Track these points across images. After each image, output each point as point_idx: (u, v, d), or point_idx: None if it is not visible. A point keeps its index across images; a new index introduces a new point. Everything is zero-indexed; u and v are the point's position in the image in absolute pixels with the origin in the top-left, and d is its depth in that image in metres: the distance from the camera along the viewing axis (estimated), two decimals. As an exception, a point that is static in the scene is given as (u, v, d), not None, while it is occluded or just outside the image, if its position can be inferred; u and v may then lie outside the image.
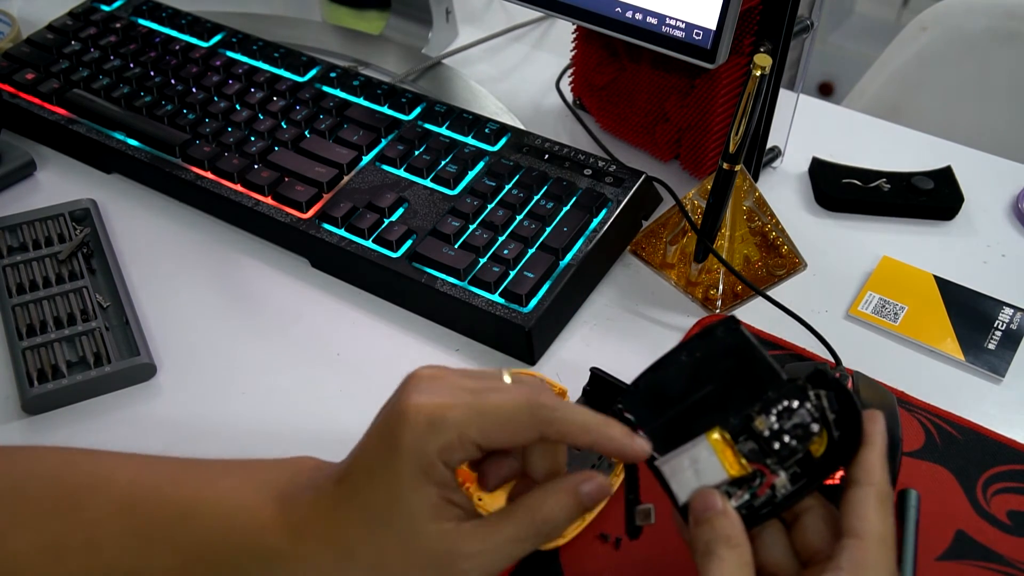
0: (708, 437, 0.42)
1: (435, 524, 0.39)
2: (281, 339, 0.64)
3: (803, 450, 0.41)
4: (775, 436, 0.41)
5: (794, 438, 0.41)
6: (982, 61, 1.10)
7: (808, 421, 0.41)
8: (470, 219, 0.66)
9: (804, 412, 0.41)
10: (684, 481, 0.42)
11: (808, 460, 0.41)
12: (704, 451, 0.42)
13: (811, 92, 1.63)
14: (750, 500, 0.41)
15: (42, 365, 0.60)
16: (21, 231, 0.69)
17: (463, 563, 0.40)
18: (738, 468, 0.42)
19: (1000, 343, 0.64)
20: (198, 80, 0.77)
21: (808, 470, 0.41)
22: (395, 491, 0.40)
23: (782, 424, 0.41)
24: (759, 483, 0.41)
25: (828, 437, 0.41)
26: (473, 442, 0.40)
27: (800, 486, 0.41)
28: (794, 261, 0.69)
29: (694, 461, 0.42)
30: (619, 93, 0.77)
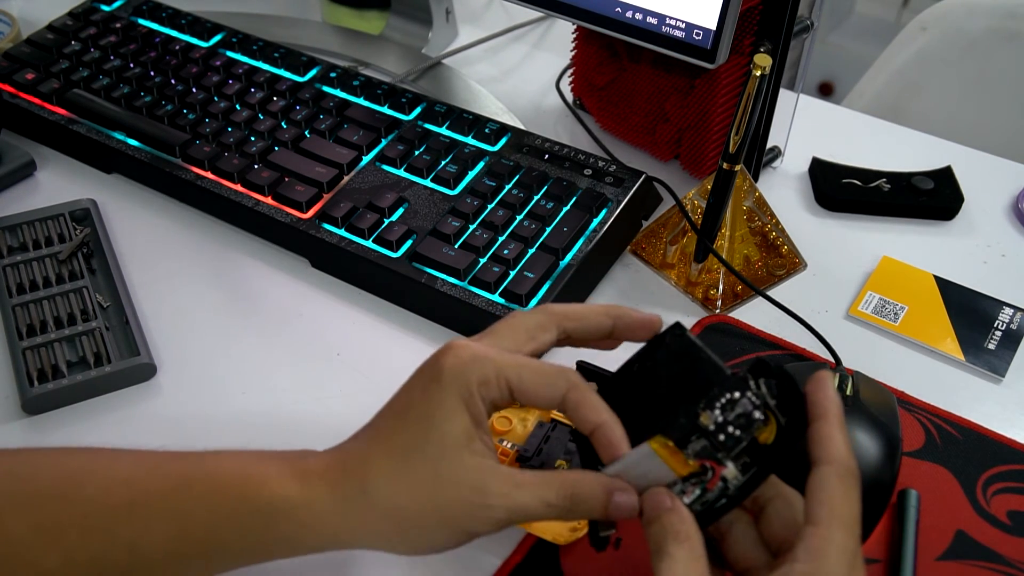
0: (650, 444, 0.42)
1: (469, 455, 0.40)
2: (281, 339, 0.64)
3: (747, 438, 0.41)
4: (720, 429, 0.42)
5: (738, 427, 0.42)
6: (982, 61, 1.10)
7: (750, 409, 0.42)
8: (470, 219, 0.66)
9: (745, 401, 0.42)
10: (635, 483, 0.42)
11: (758, 448, 0.42)
12: (648, 455, 0.42)
13: (811, 92, 1.63)
14: (702, 495, 0.41)
15: (42, 365, 0.60)
16: (21, 231, 0.69)
17: (491, 500, 0.40)
18: (685, 467, 0.42)
19: (1000, 343, 0.64)
20: (198, 80, 0.77)
21: (759, 458, 0.41)
22: (432, 417, 0.41)
23: (726, 416, 0.42)
24: (709, 477, 0.42)
25: (776, 423, 0.41)
26: (508, 384, 0.42)
27: (752, 475, 0.41)
28: (794, 261, 0.69)
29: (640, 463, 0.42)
30: (619, 93, 0.77)
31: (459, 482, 0.40)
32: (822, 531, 0.39)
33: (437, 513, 0.41)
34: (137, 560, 0.42)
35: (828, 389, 0.42)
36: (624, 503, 0.41)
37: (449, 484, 0.40)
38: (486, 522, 0.41)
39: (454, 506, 0.40)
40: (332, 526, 0.42)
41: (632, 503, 0.41)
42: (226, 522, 0.42)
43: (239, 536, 0.42)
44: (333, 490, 0.42)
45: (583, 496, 0.41)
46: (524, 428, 0.57)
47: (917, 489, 0.54)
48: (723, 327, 0.65)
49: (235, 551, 0.43)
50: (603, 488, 0.41)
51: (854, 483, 0.40)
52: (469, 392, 0.41)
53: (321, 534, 0.42)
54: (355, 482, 0.42)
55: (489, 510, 0.40)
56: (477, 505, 0.40)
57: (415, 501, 0.41)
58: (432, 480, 0.41)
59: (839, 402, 0.42)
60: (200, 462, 0.43)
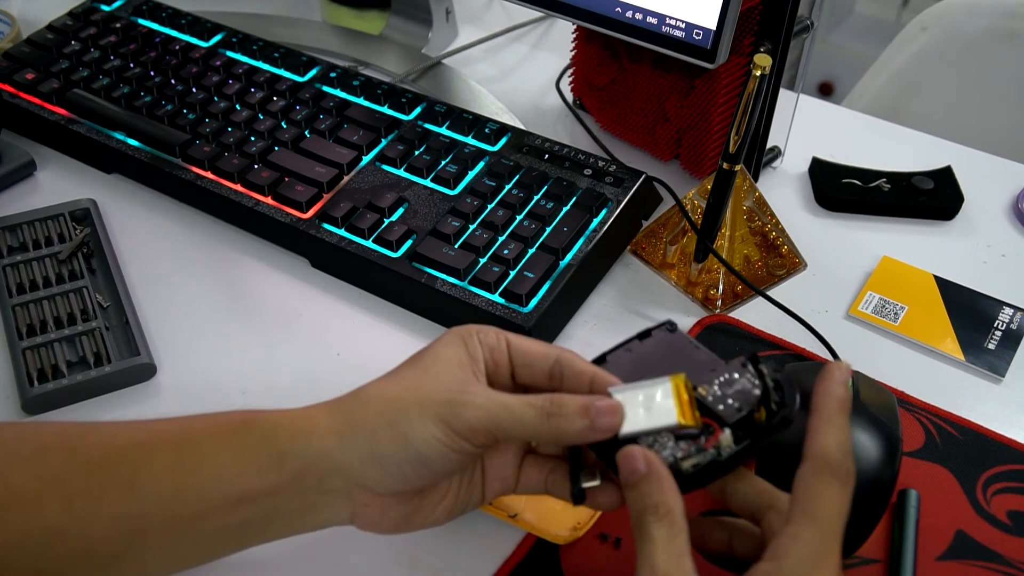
0: (672, 378, 0.43)
1: (457, 367, 0.43)
2: (281, 339, 0.64)
3: (747, 410, 0.42)
4: (719, 400, 0.43)
5: (735, 400, 0.43)
6: (982, 61, 1.10)
7: (749, 388, 0.43)
8: (470, 219, 0.66)
9: (745, 381, 0.43)
10: (632, 417, 0.42)
11: (751, 424, 0.42)
12: (664, 390, 0.42)
13: (811, 92, 1.63)
14: (697, 455, 0.42)
15: (42, 365, 0.60)
16: (21, 231, 0.69)
17: (473, 392, 0.42)
18: (690, 417, 0.42)
19: (1000, 343, 0.64)
20: (198, 80, 0.77)
21: (752, 433, 0.42)
22: (430, 347, 0.44)
23: (724, 391, 0.43)
24: (706, 438, 0.42)
25: (769, 405, 0.42)
26: (507, 341, 0.45)
27: (744, 446, 0.42)
28: (794, 261, 0.69)
29: (649, 399, 0.42)
30: (619, 93, 0.77)
31: (444, 379, 0.43)
32: (790, 529, 0.39)
33: (421, 402, 0.42)
34: (135, 497, 0.42)
35: (829, 383, 0.43)
36: (605, 407, 0.42)
37: (435, 380, 0.43)
38: (469, 415, 0.41)
39: (436, 395, 0.42)
40: (325, 430, 0.42)
41: (614, 409, 0.42)
42: (225, 447, 0.42)
43: (237, 458, 0.42)
44: (331, 405, 0.43)
45: (566, 400, 0.42)
46: None
47: (917, 489, 0.54)
48: (723, 327, 0.65)
49: (232, 475, 0.42)
50: (582, 399, 0.42)
51: (832, 479, 0.40)
52: (469, 333, 0.45)
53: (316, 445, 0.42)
54: (353, 395, 0.44)
55: (471, 399, 0.42)
56: (458, 394, 0.42)
57: (402, 390, 0.43)
58: (419, 377, 0.43)
59: (840, 396, 0.42)
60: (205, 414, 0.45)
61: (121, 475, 0.42)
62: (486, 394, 0.42)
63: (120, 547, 0.42)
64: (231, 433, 0.43)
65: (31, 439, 0.44)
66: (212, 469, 0.42)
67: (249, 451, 0.42)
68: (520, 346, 0.45)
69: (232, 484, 0.42)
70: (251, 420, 0.43)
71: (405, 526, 0.45)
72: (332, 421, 0.43)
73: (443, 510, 0.45)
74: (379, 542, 0.52)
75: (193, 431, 0.43)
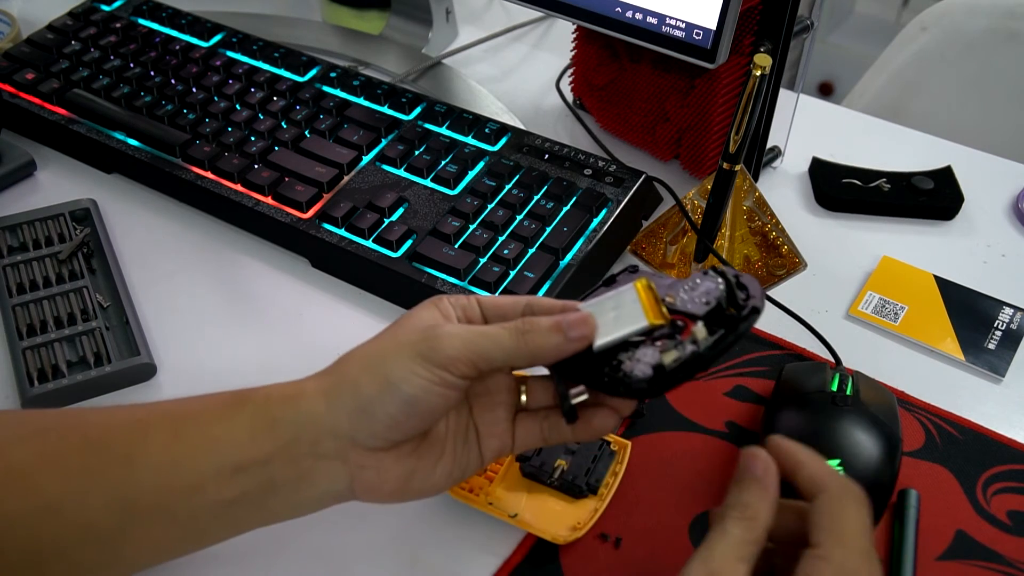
0: (636, 284, 0.44)
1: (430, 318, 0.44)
2: (281, 339, 0.64)
3: (714, 303, 0.43)
4: (687, 302, 0.44)
5: (704, 297, 0.44)
6: (982, 61, 1.10)
7: (714, 287, 0.44)
8: (470, 219, 0.66)
9: (708, 283, 0.44)
10: (603, 327, 0.43)
11: (723, 315, 0.43)
12: (628, 294, 0.44)
13: (811, 92, 1.63)
14: (675, 348, 0.42)
15: (42, 365, 0.60)
16: (21, 231, 0.69)
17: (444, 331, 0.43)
18: (658, 316, 0.43)
19: (1000, 343, 0.64)
20: (198, 80, 0.77)
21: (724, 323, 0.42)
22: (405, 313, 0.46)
23: (691, 295, 0.44)
24: (679, 332, 0.43)
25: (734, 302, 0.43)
26: (477, 301, 0.46)
27: (720, 336, 0.42)
28: (794, 261, 0.69)
29: (616, 306, 0.44)
30: (619, 93, 0.77)
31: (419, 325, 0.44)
32: (819, 551, 0.39)
33: (398, 346, 0.43)
34: (132, 471, 0.42)
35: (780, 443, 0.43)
36: (575, 318, 0.43)
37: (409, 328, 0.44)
38: (444, 344, 0.42)
39: (412, 337, 0.43)
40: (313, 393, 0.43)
41: (584, 318, 0.43)
42: (220, 420, 0.43)
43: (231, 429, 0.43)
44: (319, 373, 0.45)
45: (538, 318, 0.43)
46: None
47: (917, 489, 0.54)
48: (723, 327, 0.65)
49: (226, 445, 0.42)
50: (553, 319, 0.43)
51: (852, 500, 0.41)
52: (440, 298, 0.46)
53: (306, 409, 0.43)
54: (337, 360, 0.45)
55: (445, 330, 0.43)
56: (433, 329, 0.43)
57: (380, 343, 0.44)
58: (395, 330, 0.44)
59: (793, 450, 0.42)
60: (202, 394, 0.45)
61: (118, 450, 0.42)
62: (458, 326, 0.44)
63: (118, 522, 0.42)
64: (224, 407, 0.44)
65: (31, 421, 0.45)
66: (206, 440, 0.43)
67: (243, 422, 0.43)
68: (491, 301, 0.47)
69: (226, 454, 0.42)
70: (245, 394, 0.44)
71: (406, 490, 0.45)
72: (318, 384, 0.44)
73: (442, 472, 0.45)
74: (379, 541, 0.52)
75: (188, 407, 0.44)
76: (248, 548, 0.51)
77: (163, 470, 0.42)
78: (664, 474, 0.56)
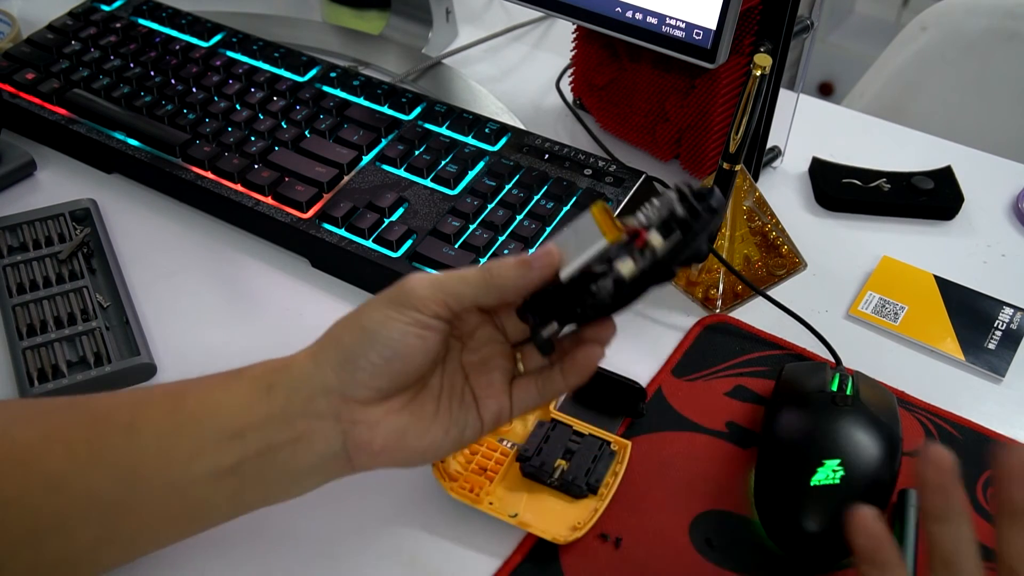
0: (592, 207, 0.44)
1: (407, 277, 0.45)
2: (281, 339, 0.64)
3: (666, 213, 0.43)
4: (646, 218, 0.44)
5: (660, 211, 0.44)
6: (982, 61, 1.10)
7: (671, 200, 0.44)
8: (470, 219, 0.66)
9: (665, 196, 0.44)
10: (567, 254, 0.44)
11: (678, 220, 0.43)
12: (586, 220, 0.44)
13: (811, 92, 1.63)
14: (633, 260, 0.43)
15: (42, 365, 0.60)
16: (21, 231, 0.69)
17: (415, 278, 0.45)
18: (615, 232, 0.44)
19: (1000, 343, 0.64)
20: (198, 80, 0.77)
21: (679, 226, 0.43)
22: None
23: (649, 212, 0.44)
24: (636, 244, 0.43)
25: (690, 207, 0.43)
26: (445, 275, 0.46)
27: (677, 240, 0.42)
28: (794, 261, 0.69)
29: (576, 232, 0.45)
30: (619, 93, 0.77)
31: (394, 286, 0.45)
32: None
33: (374, 301, 0.45)
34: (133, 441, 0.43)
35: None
36: (539, 251, 0.44)
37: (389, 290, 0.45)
38: (416, 287, 0.44)
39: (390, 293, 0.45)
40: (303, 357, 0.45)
41: (547, 249, 0.44)
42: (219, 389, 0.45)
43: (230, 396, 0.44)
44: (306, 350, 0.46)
45: (499, 268, 0.44)
46: (524, 428, 0.57)
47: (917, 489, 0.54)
48: (723, 327, 0.65)
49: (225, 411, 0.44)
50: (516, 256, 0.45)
51: None
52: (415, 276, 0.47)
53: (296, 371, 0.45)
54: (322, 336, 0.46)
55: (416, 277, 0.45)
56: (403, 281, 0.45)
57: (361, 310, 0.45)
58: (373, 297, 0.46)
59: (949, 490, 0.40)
60: None
61: (120, 423, 0.44)
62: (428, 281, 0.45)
63: (119, 495, 0.43)
64: (223, 379, 0.45)
65: (37, 404, 0.46)
66: (206, 408, 0.44)
67: (242, 389, 0.44)
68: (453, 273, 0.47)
69: (224, 420, 0.44)
70: (243, 368, 0.46)
71: (401, 447, 0.45)
72: (308, 350, 0.46)
73: (438, 431, 0.46)
74: (378, 541, 0.52)
75: (190, 382, 0.46)
76: (246, 547, 0.51)
77: (164, 437, 0.43)
78: (664, 474, 0.56)
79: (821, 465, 0.51)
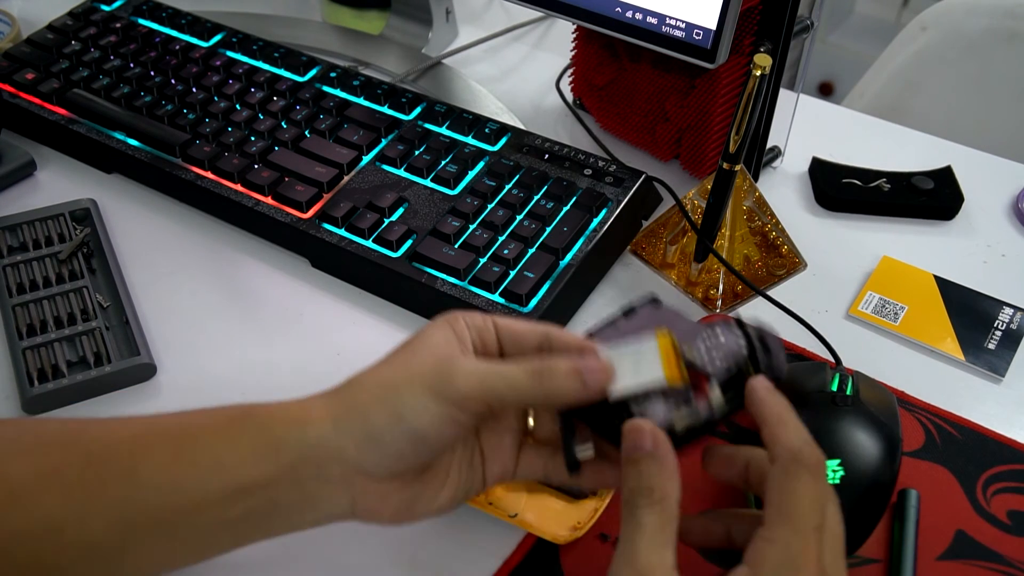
0: (658, 335, 0.43)
1: (444, 344, 0.43)
2: (281, 339, 0.64)
3: (735, 368, 0.42)
4: (706, 360, 0.43)
5: (724, 359, 0.43)
6: (982, 61, 1.10)
7: (736, 347, 0.43)
8: (470, 219, 0.66)
9: (731, 340, 0.43)
10: (621, 376, 0.42)
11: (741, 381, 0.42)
12: (650, 347, 0.42)
13: (811, 92, 1.63)
14: (688, 413, 0.41)
15: (42, 365, 0.60)
16: (21, 231, 0.69)
17: (459, 366, 0.42)
18: (677, 374, 0.42)
19: (1000, 343, 0.64)
20: (198, 80, 0.77)
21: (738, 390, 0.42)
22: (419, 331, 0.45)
23: (712, 351, 0.43)
24: (696, 396, 0.42)
25: (755, 364, 0.42)
26: (494, 322, 0.45)
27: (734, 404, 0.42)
28: (794, 261, 0.69)
29: (636, 357, 0.42)
30: (619, 93, 0.77)
31: (433, 353, 0.43)
32: (765, 532, 0.38)
33: (410, 377, 0.42)
34: (134, 489, 0.41)
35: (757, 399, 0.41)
36: (595, 366, 0.42)
37: (423, 356, 0.43)
38: (459, 381, 0.41)
39: (425, 368, 0.42)
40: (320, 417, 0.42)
41: (604, 367, 0.42)
42: (222, 439, 0.42)
43: (234, 449, 0.42)
44: (326, 394, 0.44)
45: (556, 360, 0.42)
46: None
47: (917, 489, 0.54)
48: (723, 327, 0.65)
49: (229, 466, 0.41)
50: (569, 360, 0.42)
51: (802, 471, 0.39)
52: (455, 317, 0.45)
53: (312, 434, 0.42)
54: (347, 382, 0.44)
55: (460, 366, 0.42)
56: (447, 362, 0.42)
57: (392, 370, 0.43)
58: (408, 356, 0.43)
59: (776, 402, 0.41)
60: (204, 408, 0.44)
61: (120, 467, 0.42)
62: (474, 361, 0.42)
63: (119, 540, 0.41)
64: (228, 425, 0.43)
65: (29, 433, 0.44)
66: (209, 460, 0.42)
67: (246, 442, 0.42)
68: (508, 325, 0.45)
69: (229, 475, 0.41)
70: (248, 412, 0.43)
71: (407, 514, 0.44)
72: (327, 408, 0.42)
73: (445, 497, 0.45)
74: (378, 542, 0.52)
75: (191, 424, 0.43)
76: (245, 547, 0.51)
77: (165, 490, 0.41)
78: (664, 474, 0.55)
79: (821, 465, 0.51)
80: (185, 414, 0.44)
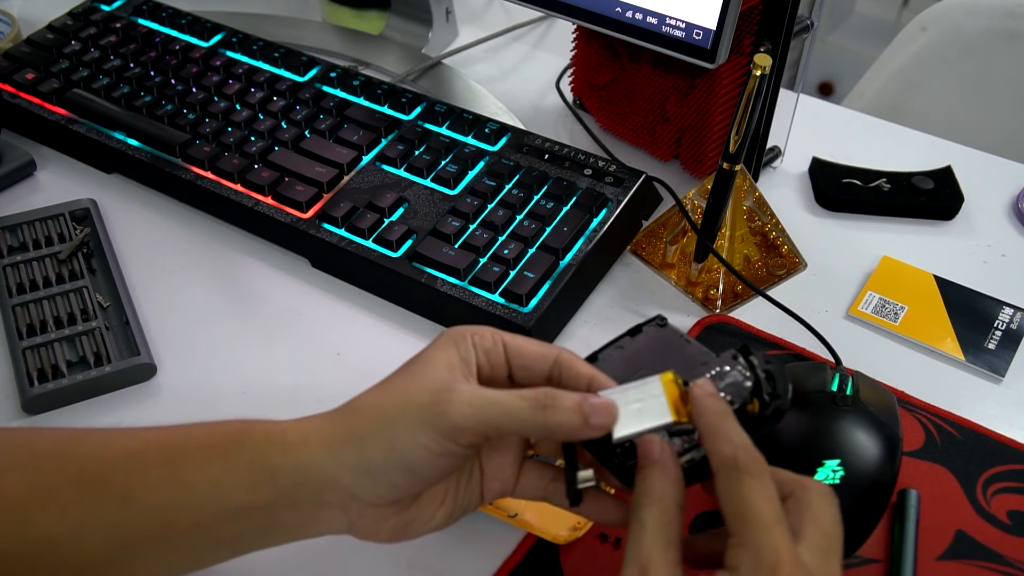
0: (662, 377, 0.42)
1: (445, 370, 0.42)
2: (281, 339, 0.64)
3: (739, 403, 0.42)
4: None
5: (728, 393, 0.43)
6: (982, 61, 1.10)
7: (741, 380, 0.43)
8: (470, 219, 0.66)
9: (736, 373, 0.43)
10: (625, 417, 0.42)
11: (744, 416, 0.42)
12: (654, 387, 0.42)
13: (811, 92, 1.63)
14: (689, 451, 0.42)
15: (42, 365, 0.60)
16: (21, 231, 0.69)
17: (455, 397, 0.41)
18: (683, 414, 0.42)
19: (1000, 343, 0.64)
20: (198, 80, 0.77)
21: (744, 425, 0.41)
22: (422, 352, 0.44)
23: (716, 385, 0.42)
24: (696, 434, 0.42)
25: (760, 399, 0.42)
26: (503, 341, 0.44)
27: None
28: (794, 261, 0.69)
29: (641, 398, 0.42)
30: (619, 93, 0.77)
31: (432, 381, 0.42)
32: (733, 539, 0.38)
33: (405, 407, 0.41)
34: (129, 509, 0.41)
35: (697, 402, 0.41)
36: (600, 404, 0.41)
37: (421, 383, 0.42)
38: (454, 413, 0.40)
39: (421, 398, 0.41)
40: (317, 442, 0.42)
41: (608, 407, 0.41)
42: (219, 460, 0.42)
43: (230, 472, 0.42)
44: (325, 417, 0.43)
45: (561, 393, 0.41)
46: None
47: (917, 489, 0.54)
48: (723, 327, 0.65)
49: (226, 489, 0.41)
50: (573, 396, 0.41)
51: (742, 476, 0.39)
52: (462, 335, 0.44)
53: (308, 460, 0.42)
54: (346, 406, 0.43)
55: (456, 396, 0.41)
56: (443, 393, 0.41)
57: (389, 398, 0.42)
58: (407, 382, 0.42)
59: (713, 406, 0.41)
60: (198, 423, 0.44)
61: (115, 486, 0.42)
62: (472, 391, 0.41)
63: (114, 557, 0.41)
64: (225, 445, 0.42)
65: (24, 446, 0.44)
66: (206, 482, 0.41)
67: (242, 464, 0.42)
68: (517, 347, 0.45)
69: (226, 498, 0.41)
70: (245, 432, 0.43)
71: (404, 533, 0.44)
72: (324, 433, 0.42)
73: (442, 516, 0.45)
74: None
75: (187, 442, 0.43)
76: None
77: (162, 511, 0.41)
78: (664, 474, 0.55)
79: (821, 465, 0.51)
80: (181, 429, 0.44)
